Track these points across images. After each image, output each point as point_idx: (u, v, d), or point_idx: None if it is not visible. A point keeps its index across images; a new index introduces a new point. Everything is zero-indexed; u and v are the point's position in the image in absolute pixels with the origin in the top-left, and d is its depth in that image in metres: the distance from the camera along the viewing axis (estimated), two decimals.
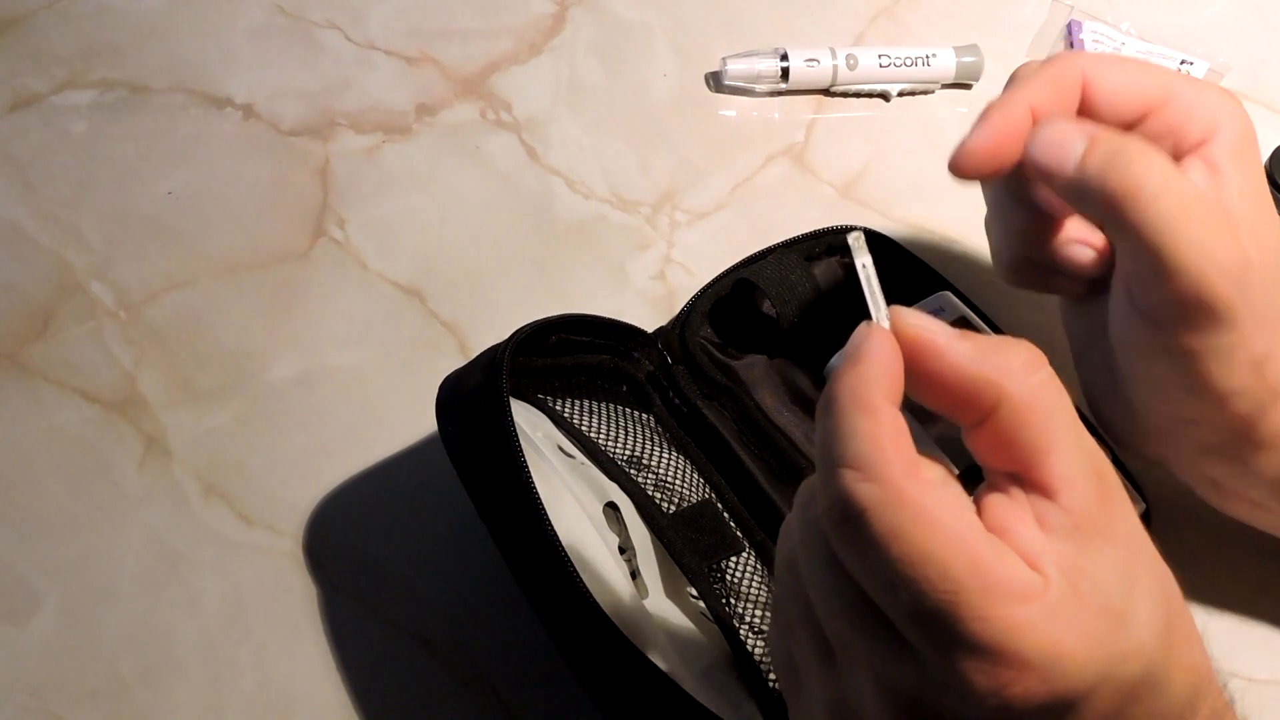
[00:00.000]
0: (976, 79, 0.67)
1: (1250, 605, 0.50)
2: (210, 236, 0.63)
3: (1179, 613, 0.32)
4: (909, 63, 0.66)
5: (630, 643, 0.40)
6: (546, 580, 0.43)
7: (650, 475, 0.49)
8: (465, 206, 0.64)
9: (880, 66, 0.66)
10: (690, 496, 0.49)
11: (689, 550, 0.47)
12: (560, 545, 0.42)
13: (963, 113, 0.67)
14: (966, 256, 0.61)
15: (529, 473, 0.43)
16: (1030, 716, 0.29)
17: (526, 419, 0.49)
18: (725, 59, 0.66)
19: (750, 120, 0.67)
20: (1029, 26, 0.69)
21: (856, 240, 0.33)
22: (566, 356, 0.51)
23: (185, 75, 0.69)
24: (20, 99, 0.68)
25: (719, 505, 0.49)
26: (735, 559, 0.48)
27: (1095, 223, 0.39)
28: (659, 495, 0.49)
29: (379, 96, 0.68)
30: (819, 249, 0.55)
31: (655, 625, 0.46)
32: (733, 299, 0.54)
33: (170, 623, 0.52)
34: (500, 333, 0.47)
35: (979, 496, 0.32)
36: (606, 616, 0.41)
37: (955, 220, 0.62)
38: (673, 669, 0.44)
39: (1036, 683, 0.29)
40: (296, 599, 0.52)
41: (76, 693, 0.50)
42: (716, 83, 0.68)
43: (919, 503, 0.29)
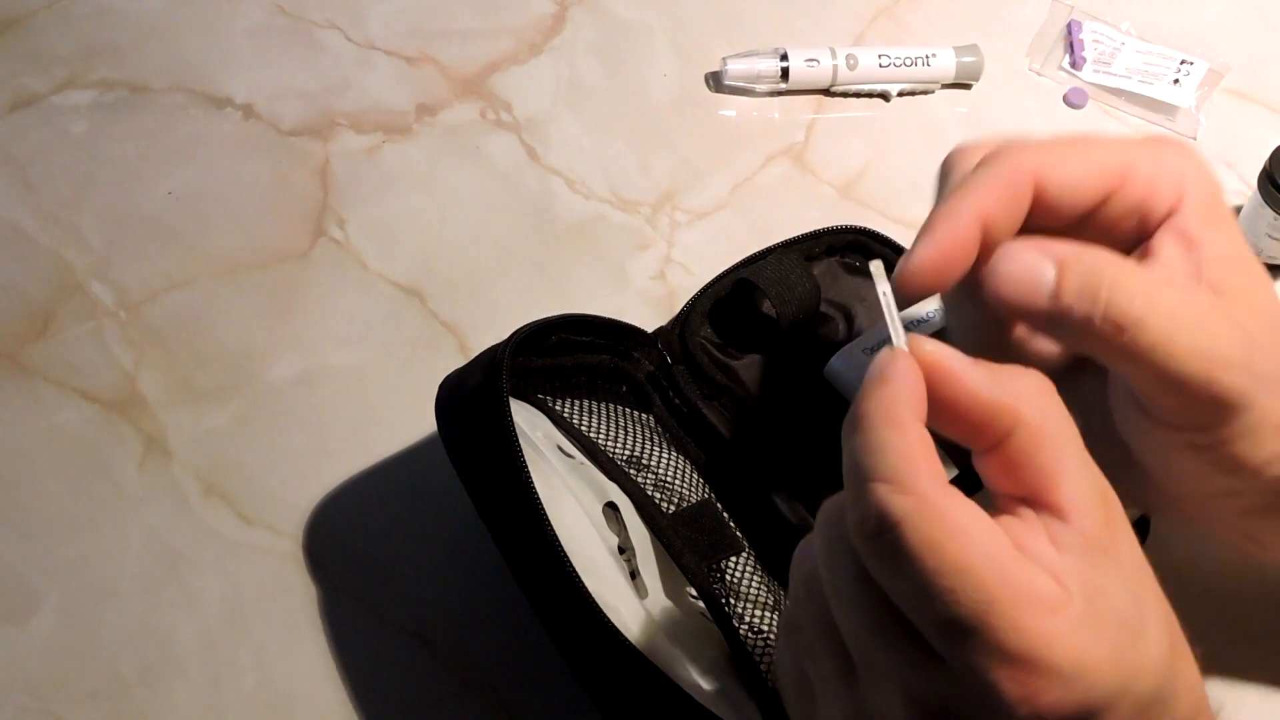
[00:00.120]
0: (976, 79, 0.67)
1: (1250, 604, 0.50)
2: (210, 236, 0.63)
3: (1179, 634, 0.33)
4: (909, 63, 0.66)
5: (630, 643, 0.40)
6: (546, 580, 0.43)
7: (650, 475, 0.49)
8: (465, 206, 0.64)
9: (880, 66, 0.66)
10: (690, 496, 0.49)
11: (689, 550, 0.47)
12: (560, 545, 0.42)
13: (962, 113, 0.67)
14: None
15: (529, 473, 0.43)
16: None
17: (526, 419, 0.49)
18: (725, 59, 0.66)
19: (750, 120, 0.67)
20: (1029, 26, 0.69)
21: (877, 268, 0.34)
22: (566, 356, 0.51)
23: (185, 75, 0.69)
24: (20, 99, 0.68)
25: (718, 505, 0.49)
26: (735, 559, 0.48)
27: (1074, 348, 0.37)
28: (659, 495, 0.49)
29: (379, 96, 0.68)
30: (819, 249, 0.55)
31: (655, 625, 0.46)
32: (733, 299, 0.54)
33: (170, 623, 0.52)
34: (500, 333, 0.47)
35: (992, 518, 0.32)
36: (606, 616, 0.41)
37: None
38: (672, 669, 0.44)
39: (1065, 692, 0.29)
40: (296, 599, 0.52)
41: (76, 693, 0.50)
42: (716, 83, 0.68)
43: (952, 515, 0.30)
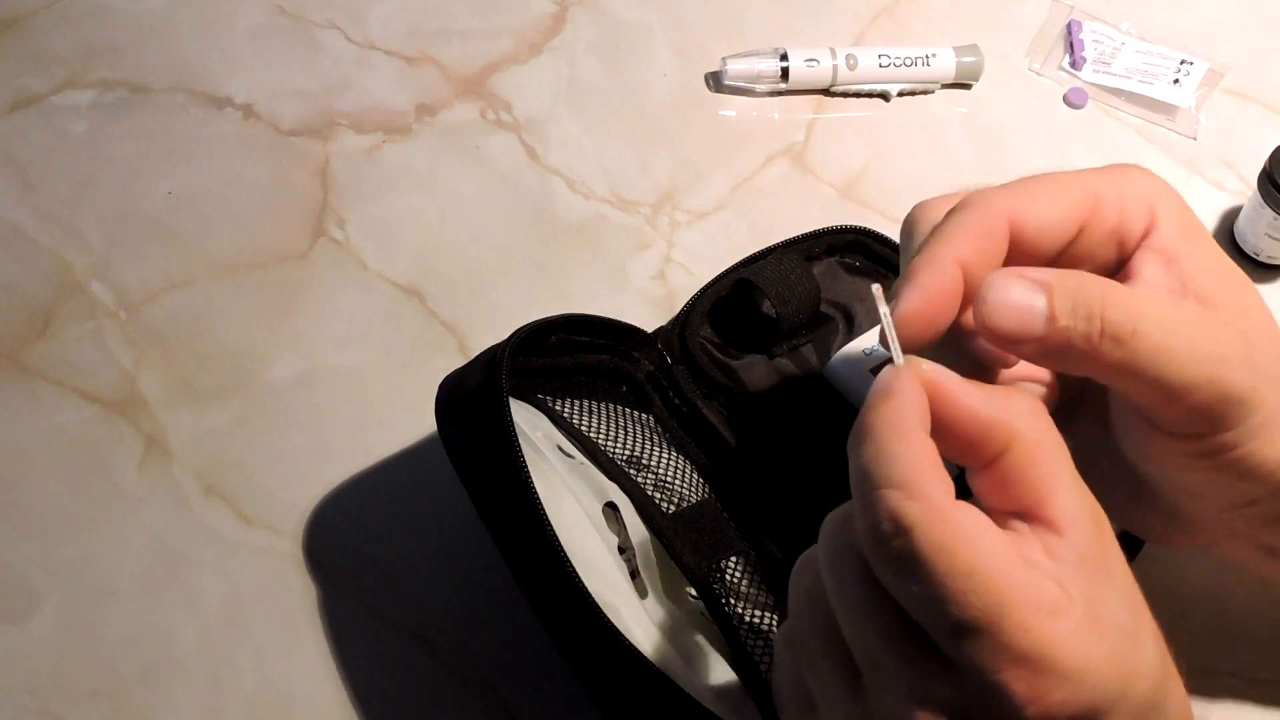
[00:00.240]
0: (976, 79, 0.67)
1: (1250, 605, 0.50)
2: (210, 236, 0.63)
3: (1166, 649, 0.34)
4: (909, 63, 0.66)
5: (630, 643, 0.40)
6: (546, 580, 0.43)
7: (650, 475, 0.49)
8: (465, 206, 0.64)
9: (880, 66, 0.66)
10: (690, 496, 0.49)
11: (689, 550, 0.47)
12: (560, 545, 0.42)
13: (962, 113, 0.67)
14: None
15: (529, 473, 0.43)
16: None
17: (526, 419, 0.49)
18: (725, 59, 0.66)
19: (750, 120, 0.67)
20: (1029, 26, 0.69)
21: (878, 291, 0.35)
22: (566, 356, 0.51)
23: (185, 75, 0.69)
24: (20, 99, 0.68)
25: (718, 505, 0.49)
26: (735, 559, 0.48)
27: (1073, 371, 0.37)
28: (659, 495, 0.49)
29: (379, 96, 0.68)
30: (819, 249, 0.55)
31: (655, 625, 0.46)
32: (733, 299, 0.54)
33: (170, 623, 0.52)
34: (500, 333, 0.47)
35: None
36: (606, 616, 0.41)
37: None
38: (672, 669, 0.44)
39: (1071, 692, 0.30)
40: (296, 599, 0.52)
41: (76, 693, 0.50)
42: (716, 83, 0.68)
43: (961, 521, 0.31)
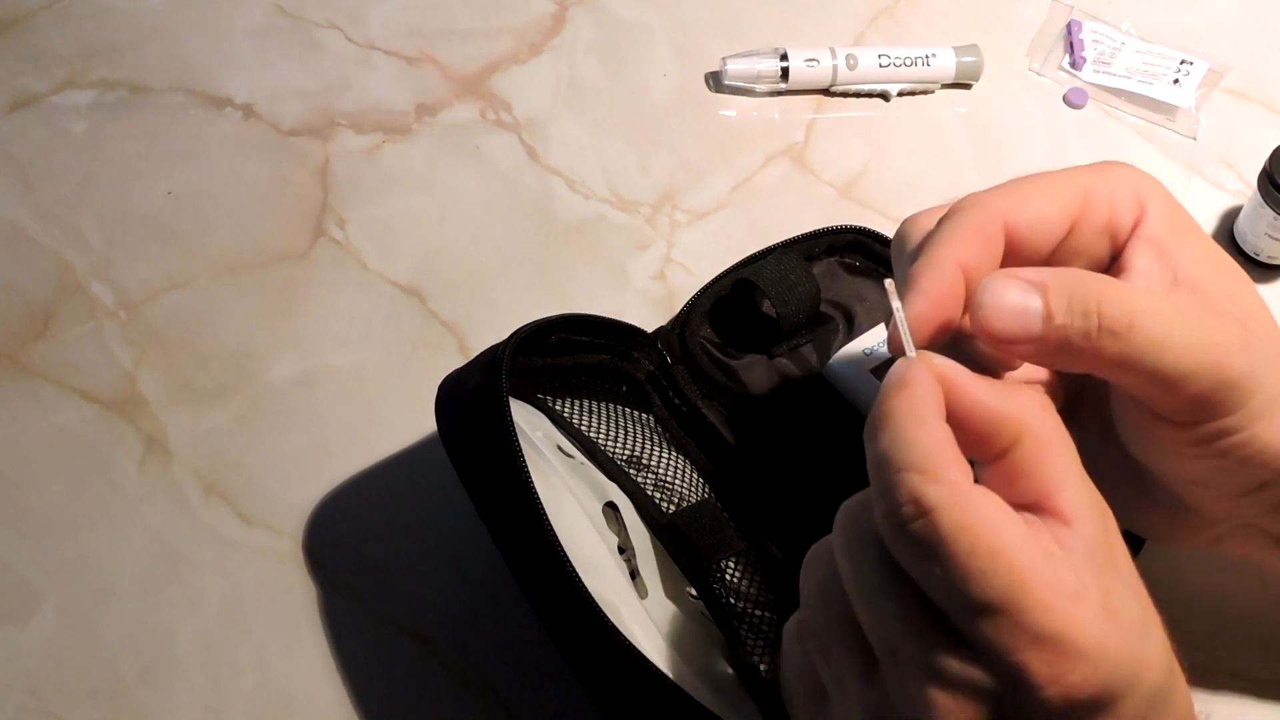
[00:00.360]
0: (976, 79, 0.67)
1: (1250, 605, 0.50)
2: (210, 236, 0.63)
3: (1169, 643, 0.34)
4: (909, 63, 0.66)
5: (630, 643, 0.40)
6: (546, 580, 0.43)
7: (650, 475, 0.49)
8: (465, 206, 0.64)
9: (880, 66, 0.66)
10: (690, 496, 0.49)
11: (689, 550, 0.47)
12: (560, 545, 0.42)
13: (962, 113, 0.67)
14: None
15: (529, 473, 0.43)
16: (1079, 709, 0.31)
17: (526, 419, 0.49)
18: (725, 59, 0.66)
19: (750, 120, 0.67)
20: (1029, 26, 0.69)
21: (891, 286, 0.35)
22: (566, 356, 0.51)
23: (185, 75, 0.69)
24: (20, 99, 0.68)
25: (718, 505, 0.49)
26: (735, 559, 0.48)
27: (1072, 368, 0.37)
28: (659, 495, 0.49)
29: (379, 96, 0.68)
30: (819, 249, 0.55)
31: (655, 625, 0.46)
32: (732, 299, 0.54)
33: (170, 623, 0.52)
34: (500, 333, 0.47)
35: None
36: (606, 617, 0.41)
37: None
38: (672, 669, 0.44)
39: (1090, 673, 0.30)
40: (296, 599, 0.52)
41: (76, 693, 0.50)
42: (716, 83, 0.68)
43: (981, 503, 0.31)
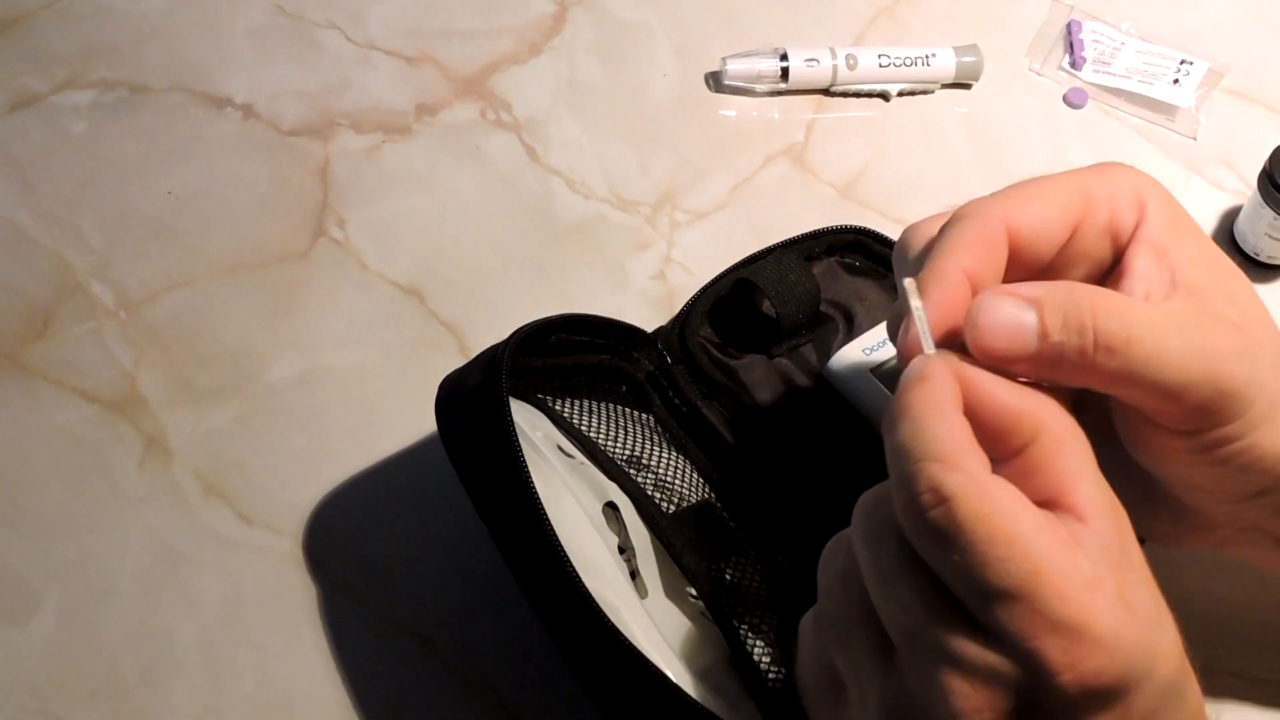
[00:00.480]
0: (976, 79, 0.67)
1: (1250, 605, 0.50)
2: (210, 236, 0.63)
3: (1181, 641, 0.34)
4: (909, 63, 0.66)
5: (630, 643, 0.40)
6: (546, 580, 0.43)
7: (650, 475, 0.49)
8: (465, 206, 0.64)
9: (880, 66, 0.66)
10: (690, 496, 0.49)
11: (689, 550, 0.47)
12: (560, 545, 0.42)
13: (962, 113, 0.67)
14: None
15: (529, 472, 0.43)
16: (1095, 697, 0.31)
17: (526, 419, 0.49)
18: (725, 59, 0.66)
19: (750, 120, 0.67)
20: (1029, 26, 0.69)
21: (910, 285, 0.36)
22: (566, 356, 0.51)
23: (185, 75, 0.69)
24: (20, 99, 0.68)
25: (719, 505, 0.49)
26: (735, 559, 0.48)
27: (1067, 384, 0.37)
28: (659, 495, 0.49)
29: (379, 96, 0.68)
30: (819, 249, 0.55)
31: (655, 625, 0.46)
32: (732, 299, 0.54)
33: (170, 623, 0.52)
34: (500, 333, 0.47)
35: None
36: (606, 617, 0.41)
37: None
38: (672, 669, 0.44)
39: (1106, 661, 0.31)
40: (296, 599, 0.52)
41: (76, 693, 0.50)
42: (716, 83, 0.68)
43: (997, 493, 0.31)
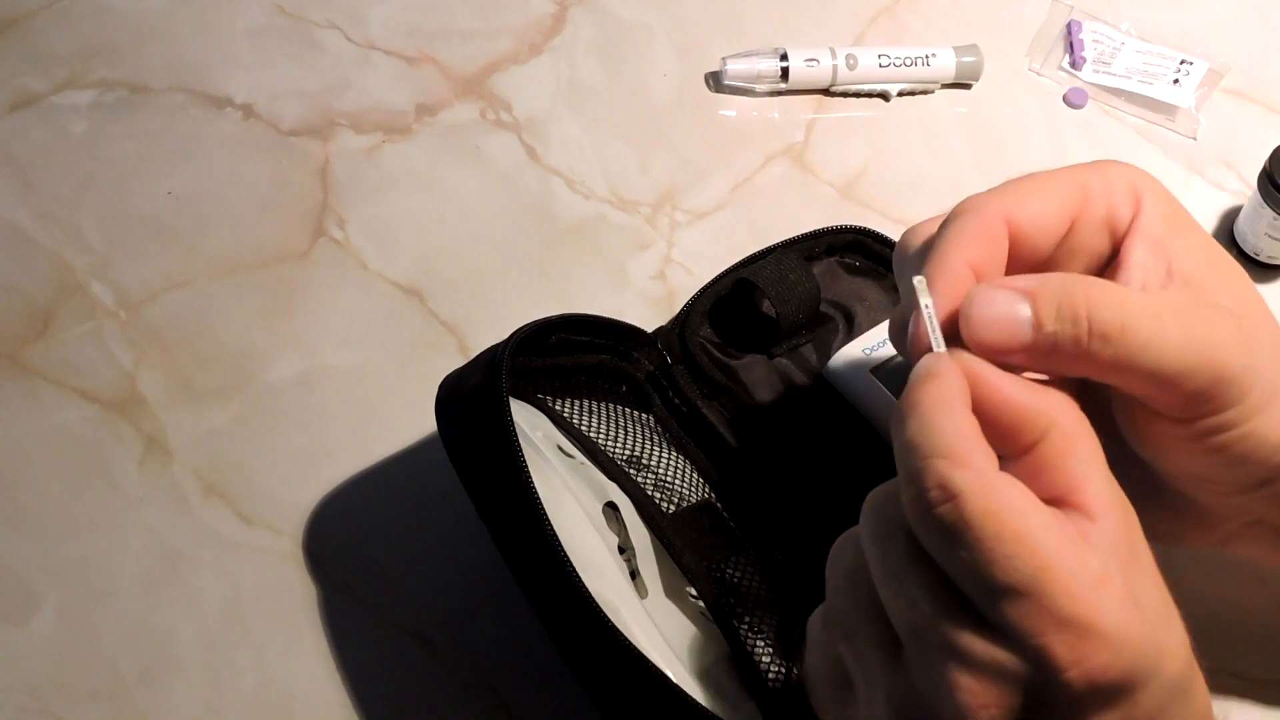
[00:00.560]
0: (976, 79, 0.67)
1: (1250, 605, 0.50)
2: (210, 236, 0.63)
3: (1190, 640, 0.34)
4: (909, 63, 0.66)
5: (630, 643, 0.40)
6: (546, 580, 0.43)
7: (650, 475, 0.49)
8: (465, 206, 0.64)
9: (880, 66, 0.66)
10: (690, 496, 0.49)
11: (689, 550, 0.47)
12: (560, 545, 0.42)
13: (962, 113, 0.67)
14: None
15: (528, 472, 0.43)
16: (1101, 694, 0.31)
17: (526, 419, 0.49)
18: (725, 59, 0.66)
19: (750, 120, 0.67)
20: (1029, 26, 0.69)
21: (920, 283, 0.36)
22: (566, 356, 0.51)
23: (185, 75, 0.69)
24: (20, 99, 0.68)
25: (718, 505, 0.49)
26: (735, 559, 0.48)
27: (1064, 374, 0.37)
28: (659, 495, 0.49)
29: (379, 96, 0.68)
30: (819, 249, 0.55)
31: (655, 625, 0.46)
32: (732, 299, 0.54)
33: (170, 623, 0.52)
34: (500, 333, 0.47)
35: None
36: (606, 616, 0.41)
37: None
38: (672, 669, 0.44)
39: (1112, 659, 0.31)
40: (296, 599, 0.52)
41: (76, 693, 0.50)
42: (716, 83, 0.68)
43: (1005, 489, 0.32)
